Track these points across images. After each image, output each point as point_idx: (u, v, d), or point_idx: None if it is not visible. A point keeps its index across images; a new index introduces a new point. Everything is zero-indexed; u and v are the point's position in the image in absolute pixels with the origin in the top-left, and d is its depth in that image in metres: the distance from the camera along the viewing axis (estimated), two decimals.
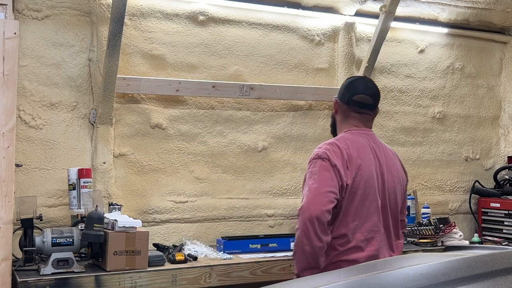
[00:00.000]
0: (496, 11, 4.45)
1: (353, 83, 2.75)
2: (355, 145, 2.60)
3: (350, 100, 2.69)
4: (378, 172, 2.62)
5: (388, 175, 2.66)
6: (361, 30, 4.19)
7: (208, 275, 3.00)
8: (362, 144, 2.63)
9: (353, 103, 2.69)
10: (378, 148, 2.68)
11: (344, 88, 2.75)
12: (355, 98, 2.69)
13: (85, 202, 3.06)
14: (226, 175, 3.77)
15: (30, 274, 2.71)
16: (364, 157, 2.59)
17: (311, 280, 1.68)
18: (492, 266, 1.46)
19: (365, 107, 2.71)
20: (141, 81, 3.45)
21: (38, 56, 3.31)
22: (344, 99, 2.72)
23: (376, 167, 2.62)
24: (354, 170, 2.54)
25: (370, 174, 2.58)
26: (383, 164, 2.65)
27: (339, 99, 2.75)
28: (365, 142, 2.65)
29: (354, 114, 2.71)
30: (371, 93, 2.73)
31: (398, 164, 2.77)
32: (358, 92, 2.70)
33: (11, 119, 2.73)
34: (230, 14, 3.79)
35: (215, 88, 3.65)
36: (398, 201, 2.70)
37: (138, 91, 3.48)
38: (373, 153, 2.64)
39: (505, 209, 4.27)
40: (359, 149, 2.60)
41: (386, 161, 2.68)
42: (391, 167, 2.69)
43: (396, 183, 2.69)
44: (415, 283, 1.38)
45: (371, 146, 2.65)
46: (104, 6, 3.39)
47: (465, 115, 4.63)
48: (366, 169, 2.57)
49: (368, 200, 2.56)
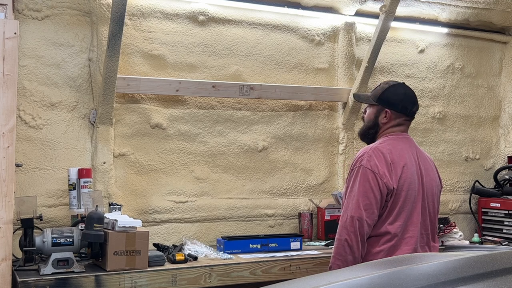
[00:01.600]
0: (496, 11, 4.44)
1: (408, 95, 2.85)
2: (397, 148, 2.70)
3: (411, 112, 2.84)
4: (419, 175, 2.71)
5: (426, 178, 2.75)
6: (361, 30, 4.19)
7: (208, 275, 3.00)
8: (403, 148, 2.72)
9: (413, 114, 2.87)
10: (419, 153, 2.79)
11: (400, 100, 2.82)
12: (415, 110, 2.88)
13: (85, 202, 3.06)
14: (226, 175, 3.77)
15: (30, 274, 2.71)
16: (406, 160, 2.68)
17: (311, 280, 1.68)
18: (492, 266, 1.46)
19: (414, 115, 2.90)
20: (141, 81, 3.45)
21: (38, 56, 3.31)
22: (405, 112, 2.81)
23: (417, 170, 2.71)
24: (399, 173, 2.63)
25: (412, 177, 2.67)
26: (422, 168, 2.74)
27: (396, 111, 2.81)
28: (406, 145, 2.75)
29: (406, 122, 2.86)
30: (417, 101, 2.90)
31: (434, 169, 2.87)
32: (415, 103, 2.86)
33: (11, 119, 2.73)
34: (230, 14, 3.79)
35: (215, 88, 3.65)
36: (435, 205, 2.79)
37: (138, 91, 3.48)
38: (414, 156, 2.73)
39: (505, 209, 4.27)
40: (401, 153, 2.69)
41: (424, 165, 2.77)
42: (429, 171, 2.79)
43: (434, 187, 2.79)
44: (415, 283, 1.38)
45: (411, 150, 2.75)
46: (104, 6, 3.39)
47: (465, 115, 4.63)
48: (409, 172, 2.66)
49: (410, 202, 2.65)
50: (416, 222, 2.66)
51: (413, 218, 2.66)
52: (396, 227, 2.62)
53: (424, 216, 2.72)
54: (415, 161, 2.73)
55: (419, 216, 2.68)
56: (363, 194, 2.57)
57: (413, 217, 2.66)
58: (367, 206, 2.56)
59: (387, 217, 2.63)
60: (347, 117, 4.05)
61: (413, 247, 2.63)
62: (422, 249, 2.70)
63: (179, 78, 3.61)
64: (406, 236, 2.64)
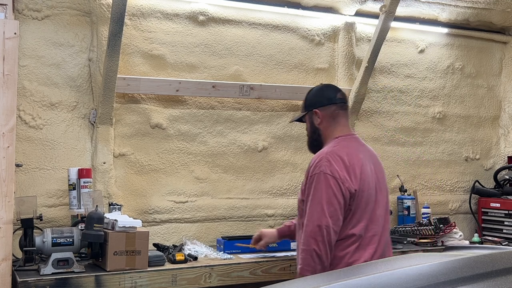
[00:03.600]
0: (496, 11, 4.45)
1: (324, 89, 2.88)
2: (351, 149, 2.68)
3: (337, 98, 2.81)
4: (373, 172, 2.71)
5: (379, 174, 2.76)
6: (361, 30, 4.19)
7: (208, 275, 3.00)
8: (356, 147, 2.72)
9: (339, 100, 2.81)
10: (368, 151, 2.79)
11: (321, 95, 2.83)
12: (339, 95, 2.82)
13: (85, 202, 3.06)
14: (226, 175, 3.77)
15: (30, 274, 2.71)
16: (362, 159, 2.67)
17: (311, 280, 1.68)
18: (492, 266, 1.46)
19: (346, 102, 2.85)
20: (141, 81, 3.45)
21: (38, 56, 3.31)
22: (330, 101, 2.79)
23: (370, 167, 2.71)
24: (358, 174, 2.61)
25: (369, 176, 2.67)
26: (373, 164, 2.74)
27: (323, 106, 2.79)
28: (357, 144, 2.76)
29: (342, 112, 2.80)
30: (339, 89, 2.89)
31: (381, 163, 2.86)
32: (336, 89, 2.86)
33: (11, 119, 2.73)
34: (230, 14, 3.79)
35: (215, 88, 3.65)
36: (388, 200, 2.80)
37: (138, 91, 3.48)
38: (365, 154, 2.73)
39: (505, 209, 4.27)
40: (356, 153, 2.68)
41: (373, 161, 2.77)
42: (379, 169, 2.79)
43: (384, 180, 2.81)
44: (415, 283, 1.38)
45: (362, 148, 2.76)
46: (104, 6, 3.39)
47: (465, 115, 4.63)
48: (366, 171, 2.66)
49: (371, 201, 2.66)
50: (377, 220, 2.65)
51: (374, 216, 2.65)
52: (360, 228, 2.59)
53: (382, 211, 2.71)
54: (368, 160, 2.70)
55: (380, 213, 2.68)
56: (327, 201, 2.51)
57: (375, 215, 2.65)
58: (332, 213, 2.51)
59: (351, 220, 2.59)
60: None
61: (376, 245, 2.62)
62: (386, 245, 2.70)
63: (179, 78, 3.61)
64: (368, 235, 2.61)
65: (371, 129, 4.24)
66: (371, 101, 4.23)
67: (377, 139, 4.27)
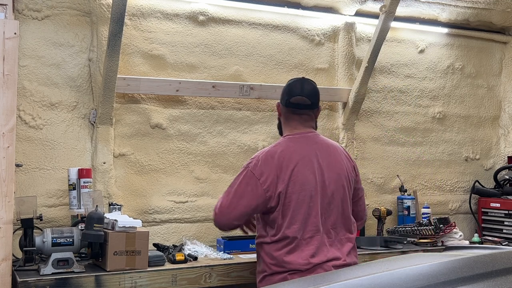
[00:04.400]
0: (496, 11, 4.45)
1: (290, 86, 2.83)
2: (289, 149, 2.69)
3: (288, 103, 2.79)
4: (316, 173, 2.68)
5: (330, 173, 2.71)
6: (361, 30, 4.19)
7: (208, 275, 3.00)
8: (297, 148, 2.70)
9: (291, 105, 2.78)
10: (319, 149, 2.75)
11: (282, 92, 2.84)
12: (292, 100, 2.77)
13: (85, 202, 3.06)
14: (226, 175, 3.77)
15: (30, 274, 2.71)
16: (298, 160, 2.66)
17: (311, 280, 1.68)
18: (492, 266, 1.46)
19: (303, 108, 2.78)
20: (141, 81, 3.45)
21: (38, 56, 3.31)
22: (283, 102, 2.81)
23: (314, 169, 2.68)
24: (288, 177, 2.63)
25: (306, 177, 2.65)
26: (324, 164, 2.71)
27: (280, 103, 2.84)
28: (303, 145, 2.73)
29: (293, 116, 2.79)
30: (307, 94, 2.78)
31: (343, 159, 2.81)
32: (294, 94, 2.78)
33: (11, 119, 2.73)
34: (230, 14, 3.79)
35: (215, 88, 3.65)
36: (346, 197, 2.75)
37: (138, 91, 3.48)
38: (312, 155, 2.70)
39: (505, 209, 4.27)
40: (293, 154, 2.68)
41: (327, 160, 2.73)
42: (333, 165, 2.74)
43: (342, 179, 2.75)
44: (415, 283, 1.38)
45: (309, 149, 2.72)
46: (104, 6, 3.39)
47: (465, 115, 4.63)
48: (301, 174, 2.65)
49: (306, 202, 2.64)
50: (315, 222, 2.63)
51: (311, 218, 2.63)
52: (294, 230, 2.60)
53: (327, 213, 2.67)
54: (312, 160, 2.69)
55: (318, 216, 2.64)
56: (238, 195, 2.65)
57: (311, 218, 2.63)
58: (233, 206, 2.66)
59: (283, 222, 2.62)
60: (347, 117, 4.06)
61: (316, 246, 2.61)
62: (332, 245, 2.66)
63: (179, 78, 3.61)
64: (306, 237, 2.62)
65: (371, 129, 4.24)
66: (371, 101, 4.23)
67: (377, 139, 4.27)
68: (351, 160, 2.87)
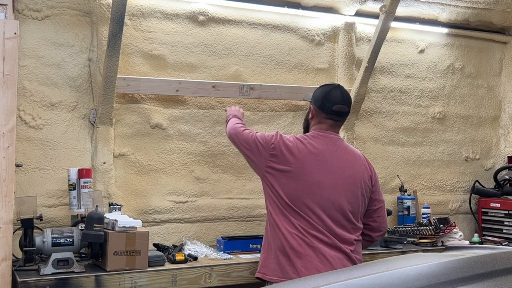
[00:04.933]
0: (496, 11, 4.45)
1: (331, 94, 2.91)
2: (309, 143, 2.83)
3: (330, 110, 2.88)
4: (325, 172, 2.77)
5: (341, 175, 2.80)
6: (361, 30, 4.19)
7: (208, 275, 3.00)
8: (314, 145, 2.82)
9: (332, 112, 2.89)
10: (336, 151, 2.84)
11: (322, 98, 2.91)
12: (334, 108, 2.88)
13: (85, 202, 3.06)
14: (226, 175, 3.77)
15: (30, 274, 2.71)
16: (306, 156, 2.78)
17: (311, 280, 1.68)
18: (492, 266, 1.46)
19: (342, 115, 2.93)
20: (141, 81, 3.45)
21: (38, 56, 3.31)
22: (323, 108, 2.89)
23: (323, 167, 2.78)
24: (292, 159, 2.77)
25: (312, 170, 2.76)
26: (336, 165, 2.80)
27: (317, 107, 2.92)
28: (323, 143, 2.83)
29: (330, 122, 2.91)
30: (347, 103, 2.93)
31: (359, 166, 2.88)
32: (336, 102, 2.88)
33: (11, 119, 2.73)
34: (230, 14, 3.79)
35: (215, 88, 3.65)
36: (353, 199, 2.80)
37: (138, 91, 3.48)
38: (326, 154, 2.81)
39: (505, 209, 4.27)
40: (309, 148, 2.80)
41: (341, 162, 2.82)
42: (346, 168, 2.83)
43: (355, 181, 2.82)
44: (415, 283, 1.38)
45: (328, 148, 2.82)
46: (104, 6, 3.39)
47: (465, 115, 4.63)
48: (306, 167, 2.76)
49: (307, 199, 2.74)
50: (311, 219, 2.73)
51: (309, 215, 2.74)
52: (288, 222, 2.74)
53: (328, 213, 2.75)
54: (325, 158, 2.80)
55: (315, 212, 2.74)
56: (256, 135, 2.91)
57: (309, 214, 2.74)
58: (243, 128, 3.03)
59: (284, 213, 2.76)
60: (347, 117, 4.05)
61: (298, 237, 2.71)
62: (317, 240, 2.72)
63: (179, 78, 3.61)
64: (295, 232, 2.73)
65: (371, 129, 4.24)
66: (371, 101, 4.23)
67: (377, 139, 4.27)
68: (370, 170, 2.94)
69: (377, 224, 2.95)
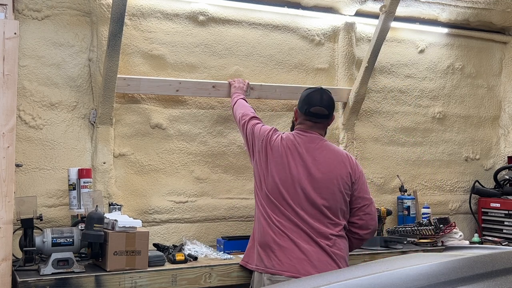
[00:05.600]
0: (496, 11, 4.45)
1: (310, 96, 3.04)
2: (284, 140, 2.99)
3: (308, 112, 3.01)
4: (298, 166, 2.91)
5: (316, 172, 2.91)
6: (361, 30, 4.19)
7: (208, 275, 3.00)
8: (293, 141, 2.98)
9: (310, 114, 3.02)
10: (314, 149, 2.96)
11: (302, 100, 3.05)
12: (312, 110, 3.01)
13: (85, 202, 3.06)
14: (226, 175, 3.77)
15: (30, 274, 2.71)
16: (283, 151, 2.95)
17: (311, 280, 1.68)
18: (492, 266, 1.47)
19: (320, 117, 3.03)
20: (141, 81, 3.45)
21: (38, 56, 3.31)
22: (302, 110, 3.03)
23: (298, 162, 2.92)
24: (269, 159, 2.96)
25: (284, 164, 2.92)
26: (310, 161, 2.92)
27: (298, 109, 3.09)
28: (303, 141, 2.98)
29: (309, 123, 3.04)
30: (326, 105, 3.03)
31: (338, 163, 2.97)
32: (314, 104, 3.01)
33: (11, 119, 2.73)
34: (230, 14, 3.79)
35: (215, 88, 3.65)
36: (328, 200, 2.90)
37: (138, 91, 3.48)
38: (303, 150, 2.95)
39: (505, 209, 4.27)
40: (281, 144, 2.97)
41: (316, 160, 2.93)
42: (323, 164, 2.94)
43: (326, 182, 2.91)
44: (415, 283, 1.38)
45: (304, 146, 2.96)
46: (104, 6, 3.39)
47: (465, 115, 4.63)
48: (285, 163, 2.92)
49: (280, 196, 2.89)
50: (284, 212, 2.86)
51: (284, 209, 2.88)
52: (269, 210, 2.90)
53: (302, 205, 2.86)
54: (301, 154, 2.93)
55: (288, 209, 2.86)
56: (254, 128, 3.12)
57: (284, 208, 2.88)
58: (246, 112, 3.27)
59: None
60: (347, 117, 4.06)
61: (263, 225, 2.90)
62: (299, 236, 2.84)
63: (179, 78, 3.61)
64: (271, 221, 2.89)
65: (371, 129, 4.24)
66: (371, 101, 4.23)
67: (377, 139, 4.27)
68: (350, 167, 2.99)
69: (363, 222, 2.99)
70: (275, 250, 2.82)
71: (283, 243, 2.82)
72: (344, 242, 2.93)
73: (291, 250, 2.80)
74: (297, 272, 2.74)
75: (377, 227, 3.14)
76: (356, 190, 2.98)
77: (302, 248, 2.80)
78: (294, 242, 2.81)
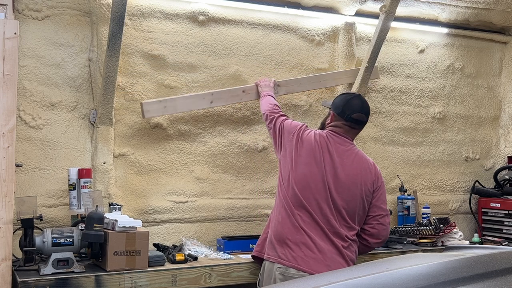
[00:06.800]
0: (496, 11, 4.45)
1: (350, 102, 3.07)
2: (315, 137, 3.01)
3: (349, 117, 3.05)
4: (324, 165, 2.94)
5: (341, 173, 2.94)
6: (361, 30, 4.19)
7: (208, 275, 3.00)
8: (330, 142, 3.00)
9: (351, 120, 3.06)
10: (344, 151, 3.00)
11: (342, 105, 3.06)
12: (354, 116, 3.05)
13: (85, 202, 3.06)
14: (226, 175, 3.77)
15: (30, 274, 2.71)
16: (312, 147, 2.98)
17: (311, 280, 1.68)
18: (492, 266, 1.47)
19: (360, 123, 3.10)
20: (176, 100, 3.45)
21: (38, 56, 3.31)
22: (343, 115, 3.05)
23: (324, 160, 2.95)
24: (296, 155, 2.98)
25: (311, 163, 2.95)
26: (339, 163, 2.95)
27: (336, 114, 3.09)
28: (334, 142, 3.00)
29: (347, 128, 3.08)
30: (366, 112, 3.10)
31: (363, 170, 3.01)
32: (356, 110, 3.06)
33: (11, 119, 2.73)
34: (230, 14, 3.79)
35: (245, 92, 3.65)
36: (349, 203, 2.93)
37: (175, 111, 3.49)
38: (331, 150, 2.98)
39: (505, 209, 4.27)
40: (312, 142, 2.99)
41: (345, 162, 2.97)
42: (349, 169, 2.97)
43: (355, 182, 2.95)
44: (415, 283, 1.38)
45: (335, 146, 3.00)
46: (104, 6, 3.39)
47: (465, 115, 4.63)
48: (308, 162, 2.95)
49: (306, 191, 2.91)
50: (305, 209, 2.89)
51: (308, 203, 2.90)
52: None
53: (324, 203, 2.89)
54: (331, 154, 2.97)
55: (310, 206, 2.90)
56: (284, 124, 3.16)
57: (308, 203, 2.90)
58: (275, 108, 3.34)
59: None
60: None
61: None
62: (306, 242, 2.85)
63: (211, 90, 3.60)
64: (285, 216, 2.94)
65: (371, 129, 4.24)
66: (371, 101, 4.22)
67: (377, 139, 4.27)
68: (375, 175, 3.05)
69: (375, 231, 3.02)
70: (290, 243, 2.84)
71: (300, 237, 2.84)
72: (356, 248, 2.96)
73: (306, 245, 2.82)
74: (310, 268, 2.76)
75: (387, 239, 3.17)
76: (374, 198, 3.03)
77: (318, 245, 2.82)
78: (311, 238, 2.83)
